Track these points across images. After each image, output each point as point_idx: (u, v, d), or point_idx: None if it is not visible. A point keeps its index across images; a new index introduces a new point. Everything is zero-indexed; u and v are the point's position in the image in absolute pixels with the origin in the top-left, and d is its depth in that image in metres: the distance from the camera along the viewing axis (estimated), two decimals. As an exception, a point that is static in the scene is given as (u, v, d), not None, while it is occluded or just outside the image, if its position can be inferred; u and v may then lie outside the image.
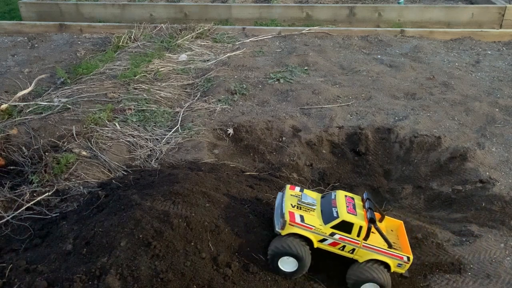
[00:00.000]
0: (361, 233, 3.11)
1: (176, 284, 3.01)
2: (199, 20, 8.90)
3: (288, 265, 3.17)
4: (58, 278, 3.09)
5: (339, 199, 3.27)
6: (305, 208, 3.27)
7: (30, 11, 9.49)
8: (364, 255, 3.17)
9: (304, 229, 3.14)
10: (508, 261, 3.56)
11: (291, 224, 3.13)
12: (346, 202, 3.25)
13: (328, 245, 3.19)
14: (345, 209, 3.16)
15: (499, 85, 6.28)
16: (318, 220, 3.18)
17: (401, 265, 3.19)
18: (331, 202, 3.28)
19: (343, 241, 3.14)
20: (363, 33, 8.25)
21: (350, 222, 3.10)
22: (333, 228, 3.12)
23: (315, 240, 3.17)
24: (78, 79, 6.30)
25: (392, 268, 3.19)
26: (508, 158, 4.73)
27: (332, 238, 3.14)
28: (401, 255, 3.16)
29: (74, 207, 3.91)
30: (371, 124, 5.26)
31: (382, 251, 3.15)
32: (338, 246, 3.17)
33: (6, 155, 4.55)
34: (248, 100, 5.87)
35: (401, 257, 3.16)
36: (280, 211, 3.27)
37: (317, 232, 3.15)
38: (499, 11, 8.67)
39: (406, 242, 3.32)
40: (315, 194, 3.49)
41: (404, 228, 3.48)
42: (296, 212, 3.19)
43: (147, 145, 4.91)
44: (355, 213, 3.16)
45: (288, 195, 3.36)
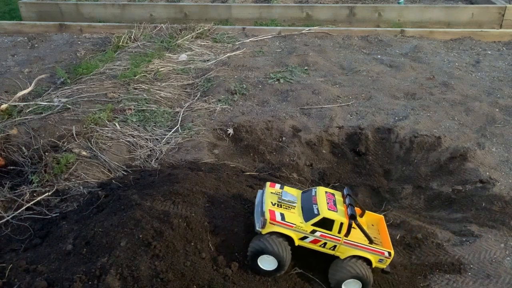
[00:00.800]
0: (342, 230, 3.09)
1: (176, 284, 3.01)
2: (199, 20, 8.90)
3: (268, 263, 3.14)
4: (58, 278, 3.09)
5: (319, 195, 3.24)
6: (285, 206, 3.24)
7: (30, 11, 9.49)
8: (346, 252, 3.16)
9: (285, 228, 3.11)
10: (508, 261, 3.56)
11: (272, 222, 3.10)
12: (327, 198, 3.22)
13: (309, 243, 3.16)
14: (325, 206, 3.14)
15: (499, 85, 6.28)
16: (298, 217, 3.16)
17: (383, 260, 3.18)
18: (311, 199, 3.25)
19: (324, 238, 3.12)
20: (363, 33, 8.25)
21: (331, 219, 3.08)
22: (314, 225, 3.10)
23: (296, 238, 3.14)
24: (78, 79, 6.30)
25: (373, 263, 3.17)
26: (508, 158, 4.73)
27: (313, 235, 3.12)
28: (382, 250, 3.15)
29: (74, 207, 3.91)
30: (371, 124, 5.26)
31: (363, 247, 3.14)
32: (319, 243, 3.15)
33: (6, 155, 4.55)
34: (248, 100, 5.87)
35: (382, 253, 3.15)
36: (260, 209, 3.24)
37: (298, 230, 3.12)
38: (499, 11, 8.67)
39: (387, 237, 3.31)
40: (296, 191, 3.46)
41: (385, 222, 3.47)
42: (276, 210, 3.16)
43: (147, 145, 4.91)
44: (336, 210, 3.14)
45: (268, 193, 3.33)
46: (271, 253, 3.08)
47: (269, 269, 3.16)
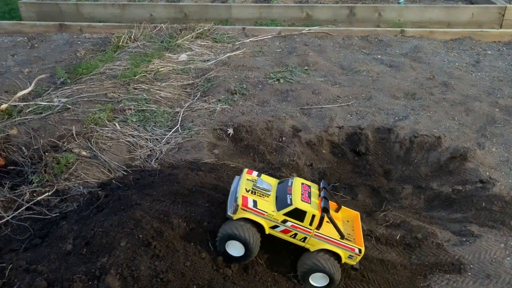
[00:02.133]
0: (314, 222, 3.08)
1: (176, 284, 3.01)
2: (199, 20, 8.90)
3: (236, 250, 3.13)
4: (58, 278, 3.09)
5: (295, 186, 3.23)
6: (259, 193, 3.22)
7: (30, 11, 9.48)
8: (316, 244, 3.15)
9: (256, 215, 3.10)
10: (508, 261, 3.56)
11: (243, 208, 3.09)
12: (302, 190, 3.21)
13: (280, 232, 3.16)
14: (299, 197, 3.13)
15: (499, 85, 6.27)
16: (271, 206, 3.14)
17: (352, 256, 3.17)
18: (287, 189, 3.24)
19: (295, 229, 3.11)
20: (363, 33, 8.24)
21: (303, 210, 3.07)
22: (286, 215, 3.09)
23: (267, 226, 3.14)
24: (78, 79, 6.30)
25: (343, 259, 3.17)
26: (508, 158, 4.73)
27: (284, 225, 3.11)
28: (352, 246, 3.14)
29: (74, 207, 3.91)
30: (371, 124, 5.25)
31: (334, 242, 3.13)
32: (290, 233, 3.14)
33: (6, 155, 4.55)
34: (248, 100, 5.87)
35: (352, 249, 3.14)
36: (234, 195, 3.23)
37: (269, 218, 3.11)
38: (499, 11, 8.67)
39: (360, 234, 3.31)
40: (273, 180, 3.45)
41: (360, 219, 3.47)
42: (249, 197, 3.15)
43: (147, 145, 4.91)
44: (309, 202, 3.13)
45: (244, 179, 3.31)
46: (240, 239, 3.06)
47: (237, 255, 3.14)
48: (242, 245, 3.08)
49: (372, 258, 3.59)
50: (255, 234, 3.10)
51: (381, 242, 3.76)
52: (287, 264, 3.33)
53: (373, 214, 4.25)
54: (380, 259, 3.59)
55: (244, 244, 3.08)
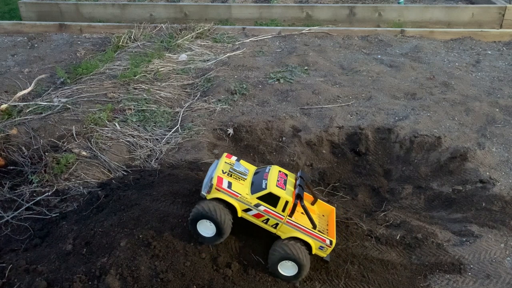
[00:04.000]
0: (287, 209, 3.09)
1: (176, 284, 3.01)
2: (199, 20, 8.90)
3: (206, 229, 3.13)
4: (58, 278, 3.09)
5: (272, 173, 3.25)
6: (236, 176, 3.24)
7: (30, 11, 9.48)
8: (287, 232, 3.15)
9: (229, 196, 3.11)
10: (508, 261, 3.55)
11: (217, 188, 3.10)
12: (278, 176, 3.22)
13: (252, 216, 3.16)
14: (274, 182, 3.14)
15: (499, 85, 6.27)
16: (245, 189, 3.16)
17: (323, 248, 3.17)
18: (263, 175, 3.25)
19: (267, 213, 3.12)
20: (363, 33, 8.24)
21: (276, 195, 3.07)
22: (259, 199, 3.10)
23: (240, 209, 3.14)
24: (78, 79, 6.30)
25: (313, 249, 3.16)
26: (508, 158, 4.72)
27: (257, 209, 3.12)
28: (324, 237, 3.14)
29: (74, 207, 3.91)
30: (371, 124, 5.25)
31: (305, 231, 3.13)
32: (262, 218, 3.15)
33: (6, 155, 4.55)
34: (248, 100, 5.87)
35: (323, 240, 3.14)
36: (210, 176, 3.25)
37: (242, 201, 3.12)
38: (499, 11, 8.66)
39: (333, 229, 3.31)
40: (252, 166, 3.47)
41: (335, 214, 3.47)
42: (225, 178, 3.16)
43: (147, 145, 4.91)
44: (284, 188, 3.13)
45: (222, 162, 3.34)
46: (211, 218, 3.06)
47: (207, 235, 3.14)
48: (213, 225, 3.08)
49: (372, 258, 3.59)
50: (227, 215, 3.09)
51: (381, 242, 3.76)
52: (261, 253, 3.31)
53: (373, 214, 4.25)
54: (380, 259, 3.59)
55: (215, 223, 3.07)
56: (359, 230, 3.84)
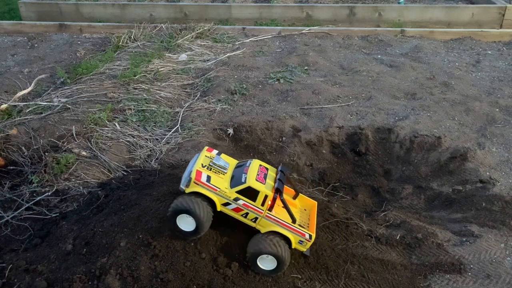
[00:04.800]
0: (266, 203, 3.08)
1: (176, 284, 3.01)
2: (199, 20, 8.89)
3: (186, 224, 3.11)
4: (58, 278, 3.09)
5: (252, 167, 3.23)
6: (215, 170, 3.21)
7: (30, 11, 9.48)
8: (266, 226, 3.14)
9: (208, 189, 3.09)
10: (508, 261, 3.55)
11: (196, 182, 3.08)
12: (259, 170, 3.20)
13: (232, 210, 3.15)
14: (254, 176, 3.12)
15: (499, 85, 6.27)
16: (225, 183, 3.14)
17: (303, 242, 3.16)
18: (244, 169, 3.24)
19: (246, 208, 3.11)
20: (363, 33, 8.24)
21: (256, 189, 3.06)
22: (238, 193, 3.08)
23: (219, 203, 3.13)
24: (78, 79, 6.30)
25: (293, 244, 3.15)
26: (508, 158, 4.72)
27: (236, 203, 3.11)
28: (303, 231, 3.13)
29: (74, 207, 3.91)
30: (371, 124, 5.25)
31: (285, 225, 3.12)
32: (241, 212, 3.14)
33: (6, 155, 4.55)
34: (248, 100, 5.86)
35: (303, 234, 3.13)
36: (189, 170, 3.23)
37: (221, 195, 3.10)
38: (499, 11, 8.66)
39: (314, 223, 3.30)
40: (233, 160, 3.45)
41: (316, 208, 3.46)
42: (204, 172, 3.14)
43: (147, 145, 4.91)
44: (264, 182, 3.12)
45: (202, 156, 3.32)
46: (190, 212, 3.04)
47: (187, 230, 3.12)
48: (193, 219, 3.06)
49: (372, 258, 3.59)
50: (206, 209, 3.08)
51: (381, 242, 3.76)
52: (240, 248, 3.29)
53: (373, 214, 4.25)
54: (380, 259, 3.59)
55: (194, 218, 3.05)
56: (359, 230, 3.84)
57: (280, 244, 3.09)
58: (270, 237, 3.12)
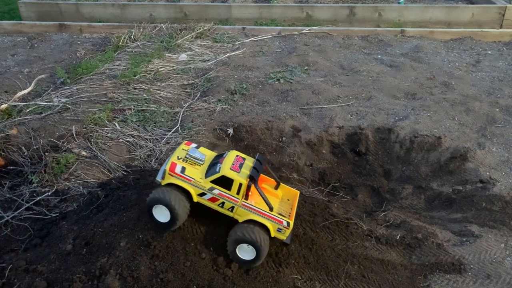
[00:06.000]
0: (241, 191, 3.07)
1: (176, 284, 3.01)
2: (199, 20, 8.89)
3: (162, 215, 3.13)
4: (57, 278, 3.09)
5: (228, 157, 3.23)
6: (191, 161, 3.23)
7: (30, 11, 9.48)
8: (244, 215, 3.13)
9: (183, 181, 3.11)
10: (508, 261, 3.55)
11: (171, 174, 3.10)
12: (234, 160, 3.21)
13: (208, 200, 3.16)
14: (229, 166, 3.13)
15: (499, 85, 6.27)
16: (199, 173, 3.15)
17: (281, 230, 3.14)
18: (220, 159, 3.25)
19: (222, 197, 3.11)
20: (363, 33, 8.24)
21: (229, 178, 3.06)
22: (213, 182, 3.09)
23: (194, 194, 3.14)
24: (78, 79, 6.30)
25: (272, 232, 3.13)
26: (508, 158, 4.72)
27: (211, 193, 3.12)
28: (280, 219, 3.11)
29: (74, 207, 3.91)
30: (371, 124, 5.25)
31: (262, 213, 3.11)
32: (218, 202, 3.14)
33: (6, 155, 4.55)
34: (248, 100, 5.86)
35: (280, 221, 3.11)
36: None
37: (196, 185, 3.11)
38: (499, 11, 8.66)
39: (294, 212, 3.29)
40: (212, 153, 3.45)
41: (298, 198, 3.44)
42: (179, 164, 3.16)
43: (147, 145, 4.91)
44: (238, 171, 3.11)
45: (179, 149, 3.35)
46: (165, 203, 3.06)
47: (163, 221, 3.14)
48: (168, 210, 3.08)
49: (372, 258, 3.59)
50: (181, 200, 3.09)
51: (381, 242, 3.76)
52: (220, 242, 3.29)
53: (373, 214, 4.25)
54: (380, 259, 3.59)
55: (169, 208, 3.07)
56: (359, 230, 3.84)
57: (258, 232, 3.07)
58: (248, 225, 3.11)
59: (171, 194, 3.08)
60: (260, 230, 3.09)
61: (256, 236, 3.06)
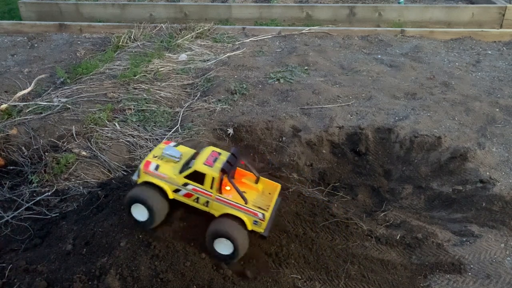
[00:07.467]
0: (214, 185, 3.08)
1: (176, 284, 3.01)
2: (199, 20, 8.89)
3: (140, 214, 3.14)
4: (57, 278, 3.09)
5: (203, 153, 3.25)
6: (166, 159, 3.25)
7: (30, 11, 9.48)
8: (219, 209, 3.13)
9: (157, 178, 3.13)
10: (508, 261, 3.55)
11: (145, 172, 3.14)
12: (209, 155, 3.21)
13: (183, 196, 3.17)
14: (202, 160, 3.14)
15: (499, 85, 6.27)
16: (174, 170, 3.17)
17: (257, 222, 3.12)
18: (195, 156, 3.27)
19: (196, 192, 3.12)
20: (363, 33, 8.24)
21: (202, 172, 3.07)
22: (187, 178, 3.10)
23: (170, 191, 3.16)
24: (78, 79, 6.30)
25: (248, 225, 3.11)
26: (508, 158, 4.72)
27: (186, 188, 3.13)
28: (255, 211, 3.08)
29: (74, 207, 3.91)
30: (371, 124, 5.25)
31: (236, 206, 3.09)
32: (193, 197, 3.15)
33: (6, 155, 4.55)
34: (248, 100, 5.86)
35: (255, 213, 3.09)
36: None
37: (170, 182, 3.13)
38: (499, 11, 8.67)
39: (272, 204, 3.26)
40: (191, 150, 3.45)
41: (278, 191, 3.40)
42: (153, 161, 3.19)
43: (147, 145, 4.91)
44: (212, 165, 3.12)
45: (157, 148, 3.38)
46: (141, 201, 3.08)
47: (142, 219, 3.15)
48: (146, 209, 3.10)
49: (372, 258, 3.59)
50: (157, 197, 3.12)
51: (381, 242, 3.76)
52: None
53: (373, 214, 4.25)
54: (380, 259, 3.59)
55: (146, 206, 3.09)
56: (359, 230, 3.84)
57: (233, 226, 3.06)
58: (223, 219, 3.11)
59: (147, 192, 3.11)
60: (235, 223, 3.08)
61: (231, 229, 3.04)
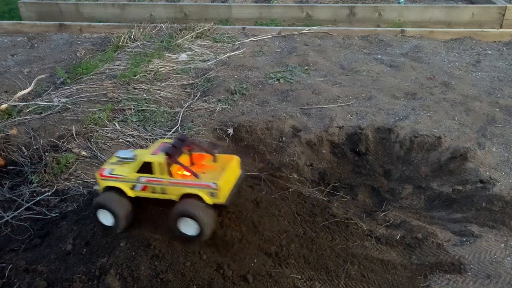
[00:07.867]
0: (163, 170, 3.10)
1: (176, 284, 3.01)
2: (199, 20, 8.90)
3: (106, 219, 3.19)
4: (57, 278, 3.09)
5: (152, 145, 3.29)
6: (121, 162, 3.31)
7: (30, 11, 9.49)
8: (175, 192, 3.14)
9: (113, 180, 3.20)
10: (508, 261, 3.55)
11: (101, 178, 3.22)
12: (158, 147, 3.24)
13: (141, 191, 3.21)
14: (149, 152, 3.18)
15: (499, 85, 6.27)
16: (127, 169, 3.22)
17: (214, 193, 3.08)
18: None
19: (150, 183, 3.15)
20: (363, 33, 8.24)
21: (149, 161, 3.11)
22: (138, 172, 3.15)
23: (127, 189, 3.20)
24: (78, 79, 6.30)
25: (206, 199, 3.08)
26: (508, 158, 4.72)
27: (140, 182, 3.18)
28: (206, 182, 3.06)
29: (73, 207, 3.91)
30: (371, 124, 5.25)
31: (188, 183, 3.10)
32: (149, 189, 3.19)
33: (6, 155, 4.55)
34: (248, 100, 5.86)
35: (208, 185, 3.06)
36: None
37: (126, 180, 3.18)
38: (499, 11, 8.67)
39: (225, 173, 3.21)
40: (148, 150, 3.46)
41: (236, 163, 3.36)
42: (107, 167, 3.27)
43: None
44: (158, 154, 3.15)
45: (112, 156, 3.45)
46: (103, 206, 3.15)
47: (109, 224, 3.21)
48: (109, 213, 3.16)
49: (372, 258, 3.58)
50: (119, 200, 3.18)
51: (381, 242, 3.76)
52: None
53: (373, 214, 4.25)
54: (380, 259, 3.59)
55: (108, 210, 3.15)
56: (359, 230, 3.84)
57: (192, 204, 3.06)
58: (181, 200, 3.12)
59: (107, 197, 3.18)
60: (193, 200, 3.08)
61: (188, 206, 3.05)
